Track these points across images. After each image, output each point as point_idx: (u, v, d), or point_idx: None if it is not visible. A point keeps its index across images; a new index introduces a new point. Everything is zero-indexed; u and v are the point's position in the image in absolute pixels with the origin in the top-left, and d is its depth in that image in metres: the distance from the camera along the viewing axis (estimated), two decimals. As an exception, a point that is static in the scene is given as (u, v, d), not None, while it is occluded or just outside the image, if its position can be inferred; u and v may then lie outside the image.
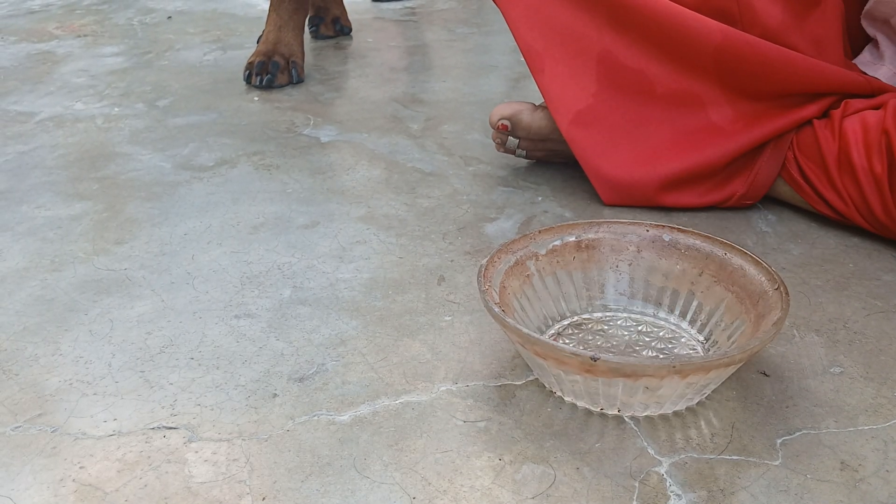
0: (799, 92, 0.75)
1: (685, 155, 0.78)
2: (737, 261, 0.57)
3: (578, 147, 0.81)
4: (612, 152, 0.80)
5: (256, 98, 1.19)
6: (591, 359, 0.46)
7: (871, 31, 0.81)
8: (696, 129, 0.78)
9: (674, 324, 0.60)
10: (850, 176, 0.72)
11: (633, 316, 0.61)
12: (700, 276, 0.59)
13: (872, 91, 0.75)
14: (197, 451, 0.50)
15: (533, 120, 0.85)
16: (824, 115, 0.76)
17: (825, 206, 0.75)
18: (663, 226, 0.61)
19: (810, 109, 0.75)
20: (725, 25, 0.73)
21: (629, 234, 0.62)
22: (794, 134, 0.76)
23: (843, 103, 0.75)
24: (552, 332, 0.59)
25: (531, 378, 0.55)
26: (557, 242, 0.61)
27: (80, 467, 0.49)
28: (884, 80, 0.78)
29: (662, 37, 0.76)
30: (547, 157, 0.90)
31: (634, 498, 0.45)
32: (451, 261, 0.72)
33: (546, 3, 0.80)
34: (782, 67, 0.73)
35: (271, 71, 1.22)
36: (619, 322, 0.61)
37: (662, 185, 0.79)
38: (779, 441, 0.50)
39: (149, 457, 0.49)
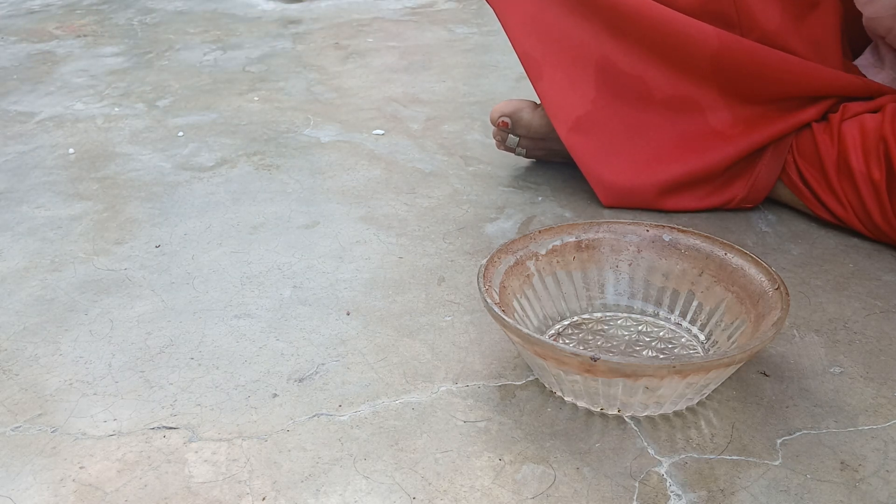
0: (797, 95, 0.75)
1: (685, 160, 0.78)
2: (737, 261, 0.57)
3: (578, 154, 0.81)
4: (612, 158, 0.80)
5: (256, 98, 1.19)
6: (591, 359, 0.46)
7: (871, 35, 0.81)
8: (695, 134, 0.78)
9: (674, 324, 0.60)
10: (849, 181, 0.72)
11: (633, 316, 0.61)
12: (700, 276, 0.59)
13: (871, 92, 0.75)
14: (197, 451, 0.50)
15: (533, 118, 0.85)
16: (823, 118, 0.76)
17: (824, 210, 0.75)
18: (663, 226, 0.61)
19: (809, 112, 0.75)
20: (722, 31, 0.73)
21: (629, 234, 0.62)
22: (793, 137, 0.76)
23: (841, 107, 0.74)
24: (552, 332, 0.59)
25: (531, 378, 0.55)
26: (557, 242, 0.61)
27: (80, 467, 0.49)
28: (884, 84, 0.78)
29: (660, 43, 0.75)
30: (546, 157, 0.90)
31: (634, 498, 0.45)
32: (451, 261, 0.72)
33: (544, 11, 0.80)
34: (779, 71, 0.73)
35: None
36: (619, 322, 0.61)
37: (663, 190, 0.79)
38: (779, 441, 0.50)
39: (149, 457, 0.49)
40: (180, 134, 1.05)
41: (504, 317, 0.50)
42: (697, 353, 0.57)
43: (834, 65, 0.77)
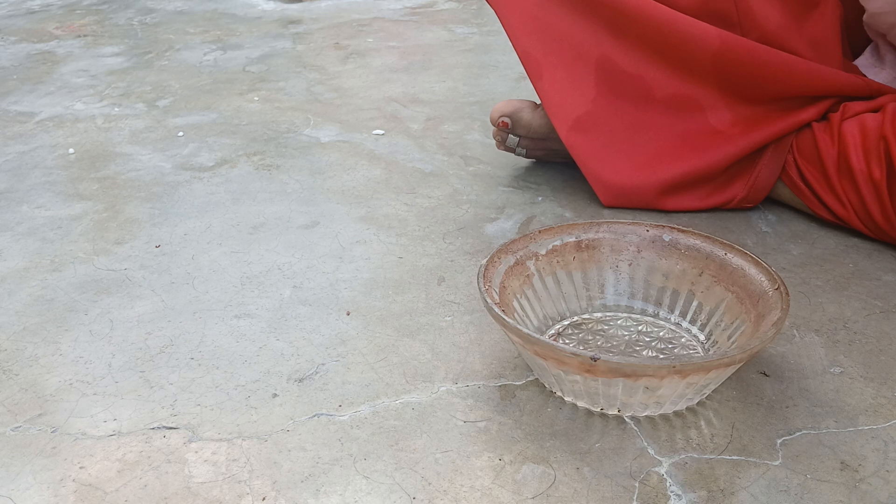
0: (797, 95, 0.75)
1: (685, 159, 0.78)
2: (737, 261, 0.57)
3: (578, 153, 0.81)
4: (612, 158, 0.80)
5: (256, 98, 1.19)
6: (591, 359, 0.46)
7: (872, 35, 0.81)
8: (695, 134, 0.78)
9: (674, 324, 0.60)
10: (850, 180, 0.72)
11: (633, 316, 0.61)
12: (700, 276, 0.59)
13: (871, 92, 0.75)
14: (197, 451, 0.50)
15: (533, 118, 0.85)
16: (823, 117, 0.76)
17: (825, 209, 0.75)
18: (663, 226, 0.61)
19: (809, 112, 0.75)
20: (723, 31, 0.73)
21: (629, 234, 0.62)
22: (793, 137, 0.76)
23: (841, 106, 0.74)
24: (552, 332, 0.59)
25: (531, 378, 0.55)
26: (557, 242, 0.61)
27: (80, 467, 0.49)
28: (884, 84, 0.78)
29: (661, 42, 0.75)
30: (546, 157, 0.90)
31: (634, 498, 0.45)
32: (451, 261, 0.72)
33: (544, 10, 0.80)
34: (780, 71, 0.73)
35: None
36: (619, 322, 0.61)
37: (663, 190, 0.79)
38: (779, 441, 0.50)
39: (149, 457, 0.49)
40: (180, 134, 1.05)
41: (504, 317, 0.50)
42: (697, 353, 0.57)
43: (834, 65, 0.77)
